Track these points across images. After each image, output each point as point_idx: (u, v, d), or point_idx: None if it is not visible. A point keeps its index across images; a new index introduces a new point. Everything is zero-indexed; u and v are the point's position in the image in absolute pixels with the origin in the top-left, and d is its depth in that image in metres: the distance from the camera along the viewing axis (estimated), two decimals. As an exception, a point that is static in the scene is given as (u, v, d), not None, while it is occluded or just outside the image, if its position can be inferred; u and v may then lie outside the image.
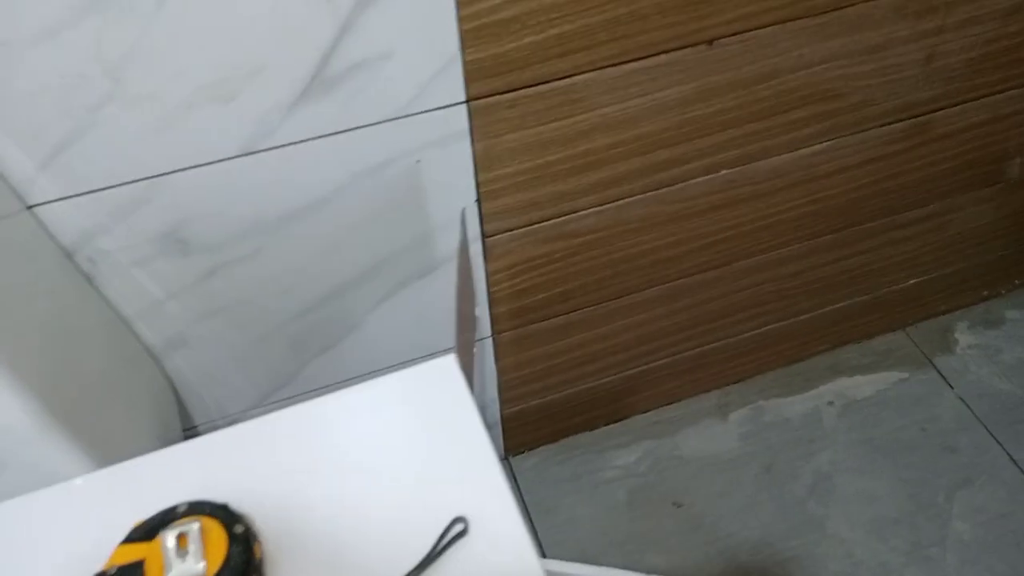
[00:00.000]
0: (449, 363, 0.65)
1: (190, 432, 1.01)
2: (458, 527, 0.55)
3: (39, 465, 0.65)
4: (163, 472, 0.61)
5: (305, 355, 0.98)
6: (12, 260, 0.67)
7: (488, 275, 0.98)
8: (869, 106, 0.96)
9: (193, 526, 0.52)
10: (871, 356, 1.40)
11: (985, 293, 1.46)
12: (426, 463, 0.59)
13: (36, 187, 0.70)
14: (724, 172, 0.95)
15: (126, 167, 0.71)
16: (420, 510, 0.57)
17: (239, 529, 0.53)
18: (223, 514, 0.54)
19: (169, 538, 0.52)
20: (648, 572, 1.16)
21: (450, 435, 0.61)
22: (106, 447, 0.70)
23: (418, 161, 0.81)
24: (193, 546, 0.51)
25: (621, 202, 0.94)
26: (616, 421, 1.35)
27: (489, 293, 1.00)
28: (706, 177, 0.95)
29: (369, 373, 1.05)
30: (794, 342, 1.35)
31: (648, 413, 1.35)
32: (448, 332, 1.04)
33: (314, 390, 1.03)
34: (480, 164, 0.84)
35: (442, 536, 0.54)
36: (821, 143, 0.98)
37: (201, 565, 0.51)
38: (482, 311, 1.02)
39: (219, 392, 0.98)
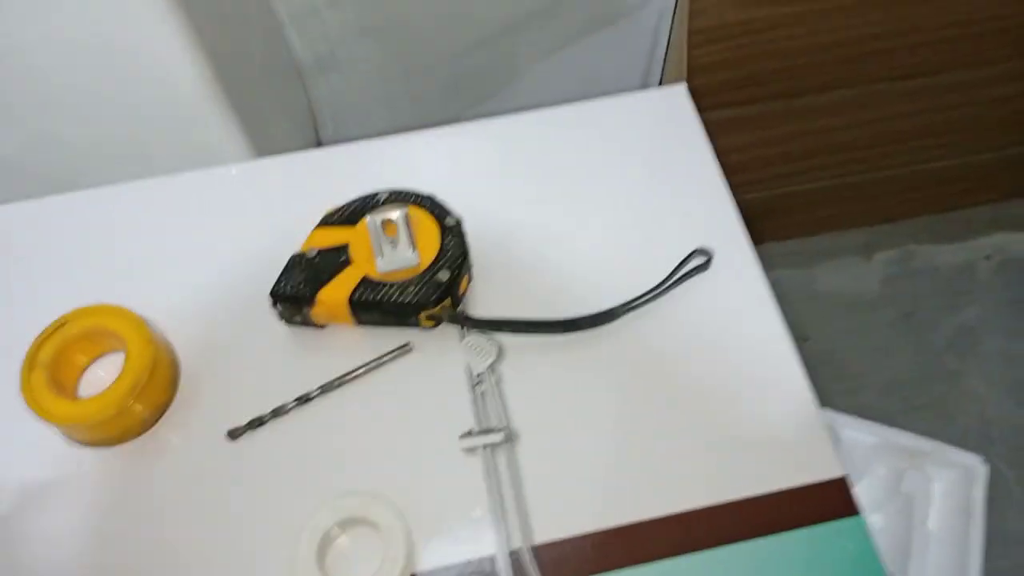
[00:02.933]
0: (681, 92, 0.55)
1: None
2: (700, 259, 0.47)
3: (202, 139, 0.58)
4: (345, 164, 0.53)
5: (457, 102, 0.89)
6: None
7: (672, 37, 0.85)
8: None
9: (400, 212, 0.45)
10: (1043, 214, 1.27)
11: None
12: (656, 191, 0.51)
13: None
14: (982, -54, 0.80)
15: None
16: (649, 236, 0.49)
17: (451, 221, 0.46)
18: (430, 204, 0.46)
19: (376, 222, 0.45)
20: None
21: (681, 168, 0.52)
22: (263, 141, 0.63)
23: None
24: (403, 233, 0.45)
25: (851, -35, 0.79)
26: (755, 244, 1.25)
27: (664, 62, 0.88)
28: (959, -51, 0.80)
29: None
30: (962, 185, 1.22)
31: (787, 241, 1.25)
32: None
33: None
34: None
35: (681, 264, 0.47)
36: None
37: (414, 253, 0.44)
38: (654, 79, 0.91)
39: (357, 130, 0.90)
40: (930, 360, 1.16)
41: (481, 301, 0.47)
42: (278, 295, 0.44)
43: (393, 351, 0.44)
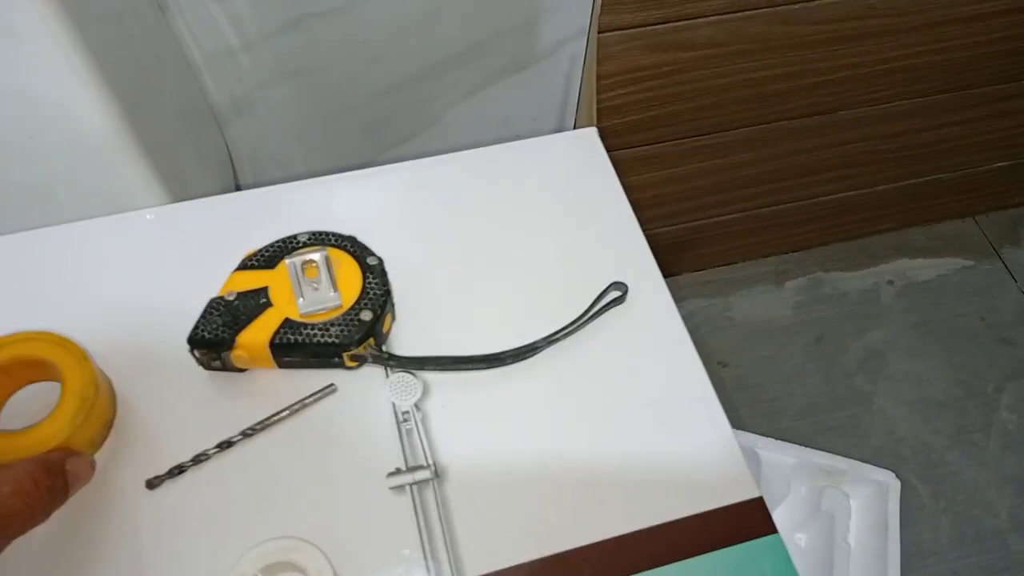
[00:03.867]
0: (592, 135, 0.57)
1: (241, 216, 0.93)
2: (615, 292, 0.48)
3: (112, 187, 0.57)
4: (263, 207, 0.53)
5: (376, 145, 0.90)
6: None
7: (580, 83, 0.89)
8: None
9: (320, 254, 0.45)
10: (937, 240, 1.35)
11: (1061, 191, 1.39)
12: (572, 230, 0.53)
13: None
14: (864, -5, 0.86)
15: None
16: (566, 272, 0.50)
17: (373, 260, 0.46)
18: (351, 245, 0.47)
19: (296, 264, 0.45)
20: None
21: (593, 206, 0.54)
22: (177, 183, 0.62)
23: (547, -80, 0.71)
24: (324, 274, 0.45)
25: (746, 13, 0.84)
26: (668, 276, 1.29)
27: (579, 104, 0.91)
28: (844, -2, 0.85)
29: (438, 178, 0.96)
30: (862, 215, 1.29)
31: (702, 272, 1.30)
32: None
33: (376, 190, 0.95)
34: (612, -62, 0.73)
35: (598, 298, 0.48)
36: (971, -22, 0.88)
37: (336, 294, 0.44)
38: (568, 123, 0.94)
39: (275, 173, 0.90)
40: (841, 382, 1.21)
41: (404, 340, 0.47)
42: (196, 340, 0.43)
43: (317, 392, 0.44)
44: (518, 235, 0.52)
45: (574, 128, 0.94)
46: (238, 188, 0.89)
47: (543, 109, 0.91)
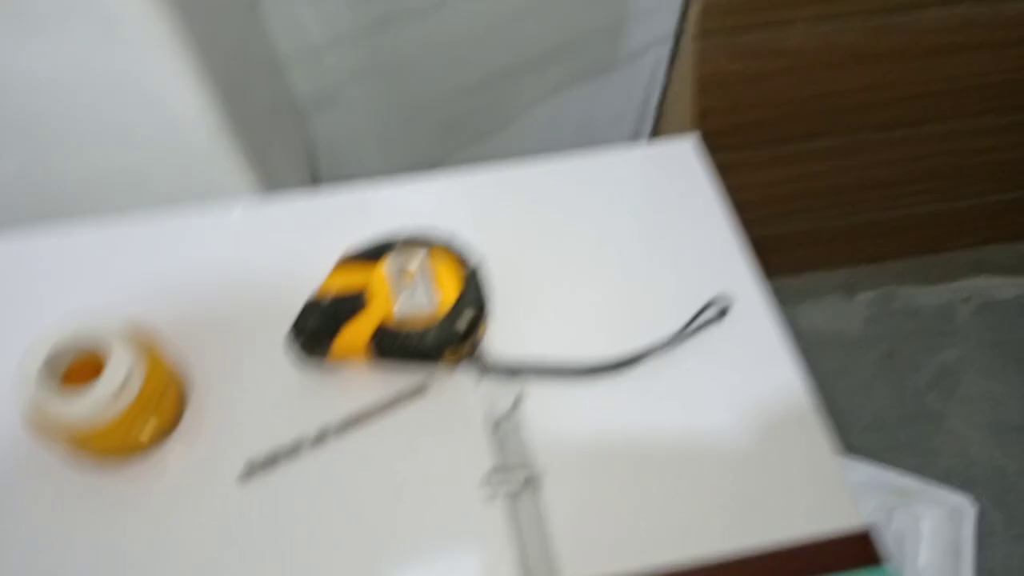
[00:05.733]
0: (691, 144, 0.56)
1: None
2: (718, 307, 0.47)
3: (208, 176, 0.58)
4: (363, 206, 0.53)
5: (453, 142, 0.90)
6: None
7: (665, 85, 0.87)
8: None
9: (420, 253, 0.45)
10: (1018, 258, 1.30)
11: None
12: (670, 239, 0.52)
13: None
14: (964, 7, 0.83)
15: None
16: (665, 283, 0.49)
17: (472, 263, 0.46)
18: (451, 247, 0.47)
19: (395, 264, 0.45)
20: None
21: (694, 217, 0.53)
22: (269, 176, 0.63)
23: (642, -77, 0.70)
24: (422, 276, 0.45)
25: (840, 20, 0.82)
26: (735, 282, 1.27)
27: (659, 108, 0.90)
28: (943, 9, 0.82)
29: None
30: (942, 229, 1.25)
31: (771, 280, 1.27)
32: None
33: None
34: (706, -59, 0.72)
35: (699, 313, 0.47)
36: (1079, -9, 0.84)
37: (433, 299, 0.44)
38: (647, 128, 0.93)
39: (354, 166, 0.91)
40: (912, 400, 1.17)
41: (499, 342, 0.47)
42: (295, 339, 0.44)
43: (408, 392, 0.44)
44: (615, 243, 0.51)
45: (652, 133, 0.93)
46: (315, 181, 0.90)
47: (621, 113, 0.90)
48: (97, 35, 0.49)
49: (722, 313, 0.48)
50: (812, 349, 1.22)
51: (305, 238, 0.51)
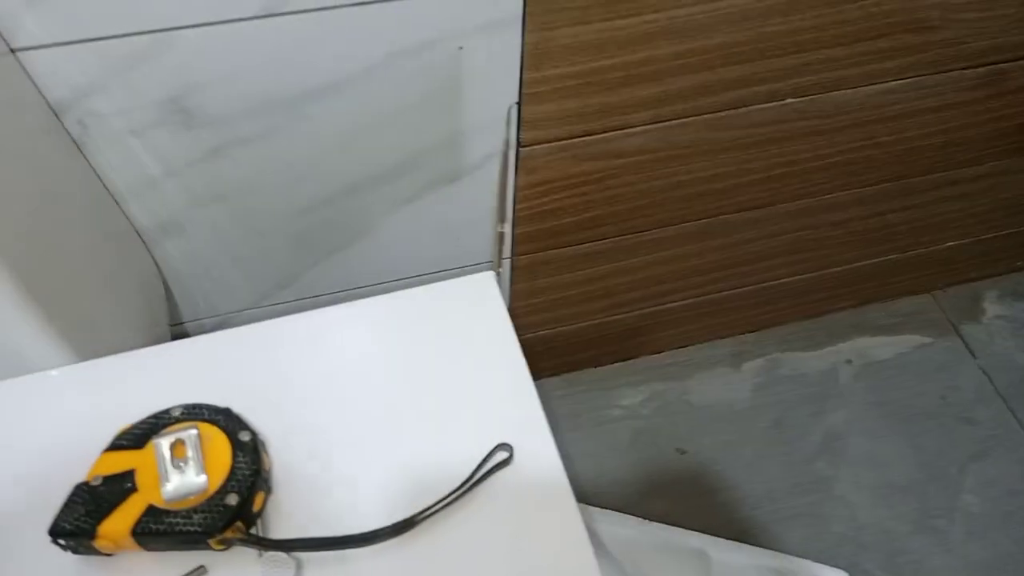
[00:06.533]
0: (487, 280, 0.57)
1: (177, 328, 0.93)
2: (502, 454, 0.48)
3: (10, 350, 0.57)
4: (152, 371, 0.53)
5: (310, 257, 0.90)
6: (-9, 109, 0.57)
7: (516, 190, 0.89)
8: (957, 44, 0.86)
9: (191, 432, 0.45)
10: (895, 317, 1.34)
11: (1019, 264, 1.39)
12: (457, 384, 0.52)
13: (22, 27, 0.59)
14: (790, 101, 0.86)
15: (130, 15, 0.61)
16: (451, 432, 0.50)
17: (245, 436, 0.45)
18: (225, 420, 0.46)
19: (164, 445, 0.44)
20: (646, 517, 1.12)
21: (485, 357, 0.53)
22: (88, 337, 0.62)
23: (461, 48, 0.71)
24: (192, 455, 0.44)
25: (674, 122, 0.85)
26: (625, 360, 1.28)
27: (514, 211, 0.92)
28: (770, 104, 0.86)
29: (377, 284, 0.97)
30: (818, 295, 1.28)
31: (660, 355, 1.29)
32: (467, 249, 0.96)
33: (315, 296, 0.95)
34: (528, 60, 0.74)
35: (483, 461, 0.47)
36: (898, 80, 0.89)
37: (202, 478, 0.43)
38: (508, 230, 0.94)
39: (211, 287, 0.90)
40: (802, 467, 1.19)
41: (284, 513, 0.46)
42: (58, 531, 0.42)
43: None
44: (409, 392, 0.52)
45: (512, 232, 0.95)
46: (173, 305, 0.89)
47: (479, 215, 0.91)
48: None
49: (507, 460, 0.48)
50: (704, 423, 1.23)
51: (78, 413, 0.50)
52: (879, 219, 1.13)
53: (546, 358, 1.25)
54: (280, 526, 0.46)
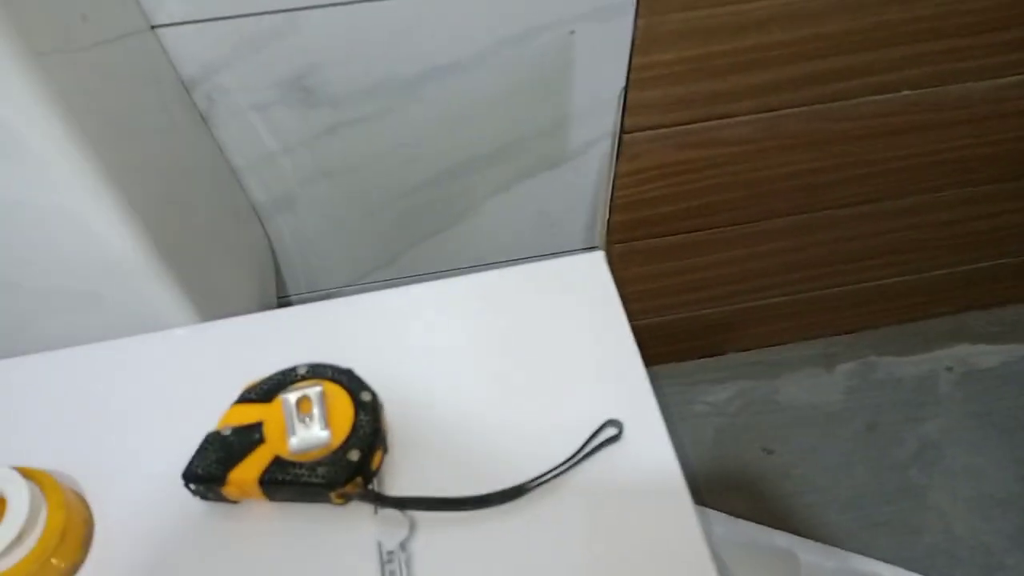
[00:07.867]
0: (597, 260, 0.58)
1: (282, 300, 0.96)
2: (611, 430, 0.48)
3: (140, 306, 0.60)
4: (273, 333, 0.55)
5: (412, 236, 0.92)
6: (134, 82, 0.61)
7: (615, 177, 0.89)
8: (1089, 37, 0.82)
9: (316, 389, 0.47)
10: (1000, 325, 1.29)
11: None
12: (567, 360, 0.53)
13: (163, 6, 0.63)
14: (905, 93, 0.84)
15: (261, -6, 0.64)
16: (560, 407, 0.50)
17: (366, 396, 0.47)
18: (347, 379, 0.48)
19: (291, 400, 0.46)
20: (729, 515, 1.10)
21: (595, 336, 0.54)
22: (209, 299, 0.65)
23: (572, 32, 0.72)
24: (317, 411, 0.46)
25: (782, 112, 0.84)
26: (712, 355, 1.27)
27: (612, 198, 0.92)
28: (884, 96, 0.84)
29: (473, 267, 0.98)
30: (918, 299, 1.24)
31: (747, 352, 1.27)
32: (562, 235, 0.96)
33: (413, 276, 0.97)
34: (638, 46, 0.74)
35: (592, 436, 0.48)
36: (1020, 75, 0.85)
37: (326, 433, 0.45)
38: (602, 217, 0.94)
39: (316, 263, 0.93)
40: (893, 475, 1.16)
41: (398, 473, 0.48)
42: (190, 475, 0.45)
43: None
44: (519, 365, 0.52)
45: (608, 222, 0.95)
46: (280, 279, 0.92)
47: (577, 202, 0.92)
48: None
49: (616, 436, 0.48)
50: (792, 424, 1.21)
51: (205, 369, 0.53)
52: (988, 221, 1.09)
53: (631, 350, 1.25)
54: (394, 486, 0.47)
